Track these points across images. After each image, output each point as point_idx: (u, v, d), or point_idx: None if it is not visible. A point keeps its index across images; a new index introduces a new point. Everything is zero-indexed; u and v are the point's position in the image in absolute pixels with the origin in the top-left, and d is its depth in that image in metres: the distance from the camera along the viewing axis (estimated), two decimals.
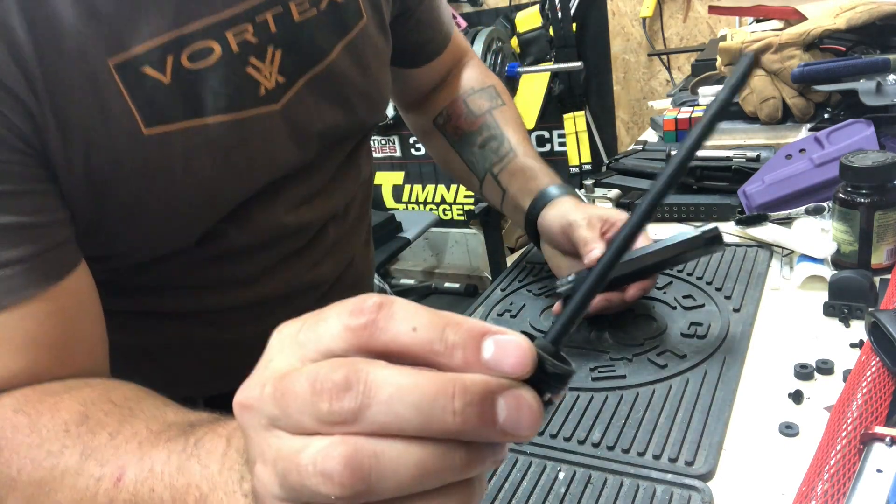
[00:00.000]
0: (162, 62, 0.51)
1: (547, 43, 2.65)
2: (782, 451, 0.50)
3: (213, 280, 0.63)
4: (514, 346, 0.24)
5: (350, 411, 0.24)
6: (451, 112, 0.84)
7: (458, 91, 0.85)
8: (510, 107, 0.85)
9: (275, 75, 0.58)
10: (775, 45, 0.98)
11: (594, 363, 0.62)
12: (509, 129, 0.81)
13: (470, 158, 0.82)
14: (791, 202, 0.82)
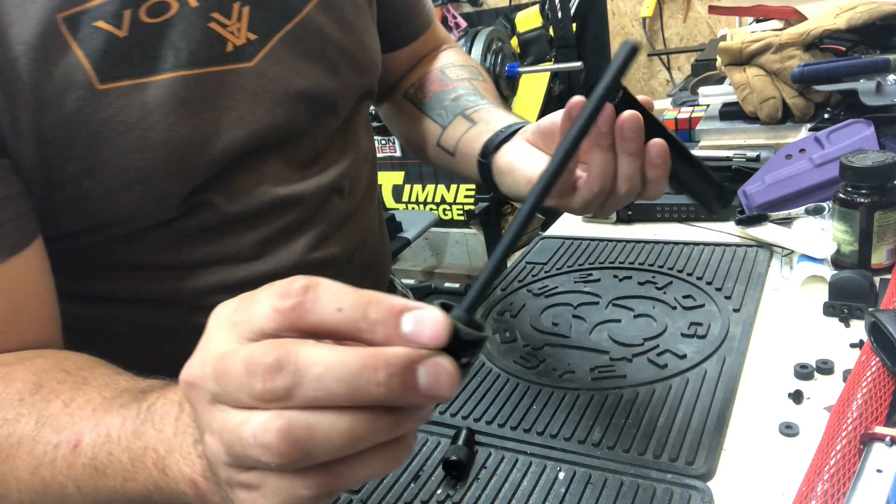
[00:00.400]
0: (118, 16, 0.50)
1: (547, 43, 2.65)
2: (782, 451, 0.50)
3: (209, 257, 0.60)
4: (431, 319, 0.27)
5: (283, 389, 0.26)
6: (424, 80, 0.80)
7: (434, 65, 0.82)
8: (491, 86, 0.81)
9: (244, 32, 0.57)
10: (775, 45, 0.98)
11: (594, 363, 0.62)
12: (489, 95, 0.76)
13: (438, 112, 0.75)
14: (791, 202, 0.82)
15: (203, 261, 0.60)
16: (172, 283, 0.60)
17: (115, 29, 0.50)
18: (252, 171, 0.60)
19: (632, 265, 0.79)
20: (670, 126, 1.13)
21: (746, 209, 0.84)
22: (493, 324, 0.72)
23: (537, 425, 0.55)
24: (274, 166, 0.61)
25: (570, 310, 0.71)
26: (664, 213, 0.90)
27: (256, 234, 0.62)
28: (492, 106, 0.72)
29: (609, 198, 0.53)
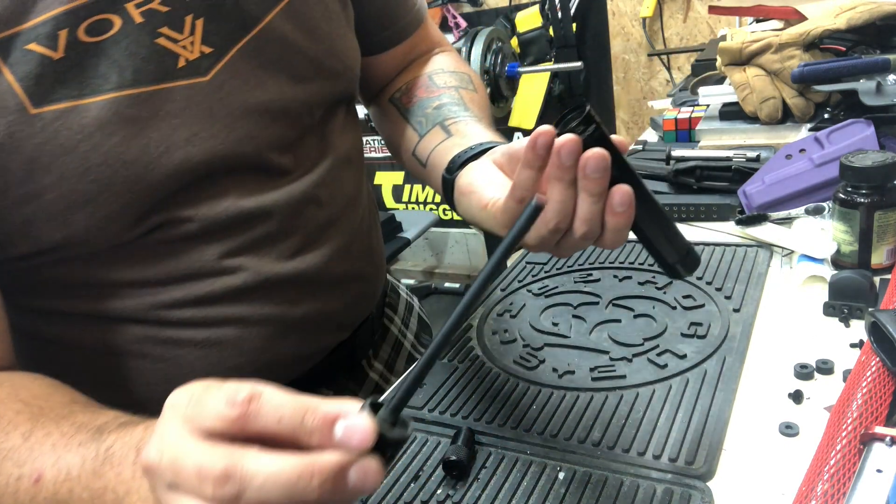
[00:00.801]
0: (52, 37, 0.49)
1: (547, 43, 2.65)
2: (782, 451, 0.50)
3: (173, 272, 0.59)
4: (359, 427, 0.31)
5: (231, 496, 0.30)
6: (411, 85, 0.76)
7: (424, 70, 0.77)
8: (482, 95, 0.77)
9: (198, 46, 0.55)
10: (775, 45, 0.98)
11: (594, 363, 0.62)
12: (475, 107, 0.71)
13: (418, 119, 0.71)
14: (791, 202, 0.82)
15: (166, 277, 0.59)
16: (136, 299, 0.59)
17: (48, 51, 0.49)
18: (214, 185, 0.58)
19: (632, 265, 0.79)
20: (670, 126, 1.13)
21: (746, 209, 0.84)
22: (492, 324, 0.72)
23: (537, 425, 0.55)
24: (239, 179, 0.59)
25: (570, 310, 0.71)
26: None
27: (221, 247, 0.60)
28: (473, 119, 0.68)
29: (565, 238, 0.47)
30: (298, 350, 0.67)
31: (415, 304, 0.93)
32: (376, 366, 0.80)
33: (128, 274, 0.58)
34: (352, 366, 0.76)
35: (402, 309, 0.88)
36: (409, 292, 0.95)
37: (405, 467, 0.53)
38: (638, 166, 1.00)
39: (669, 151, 0.96)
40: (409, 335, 0.88)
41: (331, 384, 0.73)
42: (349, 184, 0.70)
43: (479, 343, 0.69)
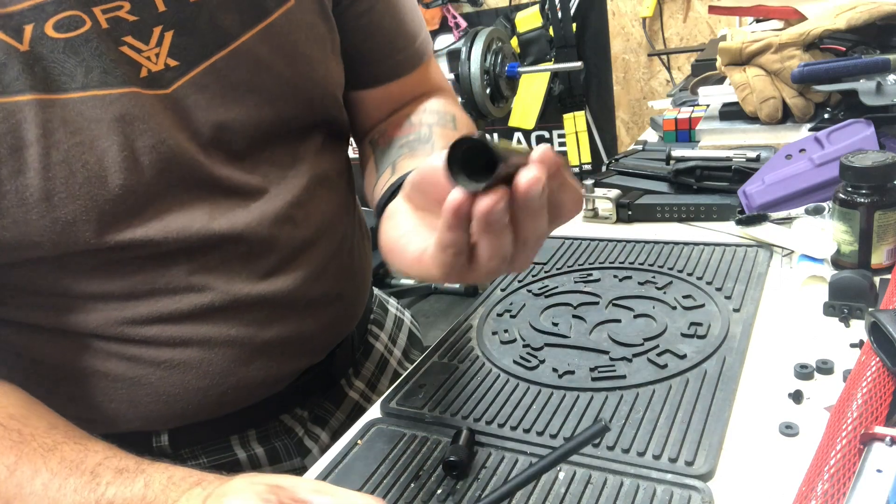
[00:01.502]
0: (18, 29, 0.48)
1: (547, 43, 2.65)
2: (782, 451, 0.50)
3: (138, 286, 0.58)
4: None
5: None
6: (388, 127, 0.71)
7: (409, 110, 0.71)
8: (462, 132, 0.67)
9: (163, 58, 0.53)
10: (775, 45, 0.98)
11: (594, 363, 0.62)
12: (443, 141, 0.65)
13: (381, 160, 0.67)
14: (791, 202, 0.82)
15: (131, 292, 0.58)
16: (99, 313, 0.58)
17: (14, 42, 0.48)
18: (177, 202, 0.56)
19: (632, 265, 0.79)
20: (670, 126, 1.13)
21: (746, 209, 0.84)
22: (492, 324, 0.72)
23: (537, 425, 0.55)
24: (204, 198, 0.58)
25: (570, 310, 0.71)
26: (664, 213, 0.90)
27: (191, 265, 0.58)
28: (427, 149, 0.63)
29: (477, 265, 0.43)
30: (266, 374, 0.65)
31: (405, 318, 0.91)
32: (357, 385, 0.78)
33: (92, 286, 0.57)
34: (329, 385, 0.74)
35: (389, 325, 0.86)
36: (400, 306, 0.92)
37: (405, 467, 0.53)
38: (638, 166, 1.00)
39: (669, 151, 0.96)
40: (395, 351, 0.85)
41: (305, 404, 0.72)
42: (329, 204, 0.68)
43: (479, 343, 0.69)
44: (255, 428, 0.69)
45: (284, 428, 0.71)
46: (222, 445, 0.68)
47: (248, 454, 0.69)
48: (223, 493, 0.42)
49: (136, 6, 0.52)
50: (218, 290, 0.60)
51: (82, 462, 0.47)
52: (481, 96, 2.30)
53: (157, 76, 0.53)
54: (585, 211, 0.95)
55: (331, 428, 0.74)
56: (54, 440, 0.48)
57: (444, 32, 2.88)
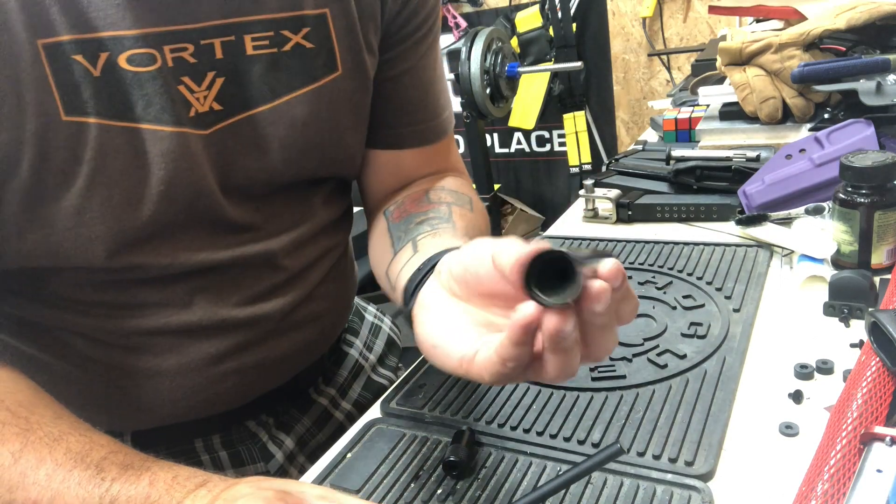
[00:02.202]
0: (94, 56, 0.51)
1: (547, 43, 2.65)
2: (782, 451, 0.50)
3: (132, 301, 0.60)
4: None
5: None
6: (405, 199, 0.69)
7: (424, 186, 0.71)
8: (479, 217, 0.69)
9: (210, 101, 0.56)
10: (775, 45, 0.98)
11: (594, 363, 0.62)
12: (462, 222, 0.64)
13: (398, 235, 0.64)
14: (791, 202, 0.82)
15: (124, 304, 0.60)
16: (88, 318, 0.60)
17: (90, 66, 0.51)
18: (188, 233, 0.59)
19: (632, 265, 0.79)
20: (670, 126, 1.13)
21: (746, 209, 0.84)
22: None
23: (537, 425, 0.55)
24: (212, 231, 0.60)
25: None
26: (664, 213, 0.90)
27: (186, 286, 0.61)
28: (450, 230, 0.61)
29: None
30: (237, 391, 0.66)
31: (383, 325, 0.90)
32: (327, 391, 0.78)
33: (86, 295, 0.59)
34: (295, 394, 0.75)
35: (364, 332, 0.86)
36: (379, 313, 0.92)
37: (405, 467, 0.53)
38: (638, 166, 1.00)
39: (669, 151, 0.96)
40: (371, 357, 0.85)
41: (271, 411, 0.73)
42: (325, 243, 0.70)
43: None
44: (219, 433, 0.70)
45: (249, 433, 0.71)
46: (186, 448, 0.69)
47: (212, 457, 0.69)
48: (231, 497, 0.42)
49: (198, 49, 0.55)
50: (207, 310, 0.62)
51: (87, 455, 0.47)
52: (481, 96, 2.30)
53: (202, 117, 0.56)
54: (585, 211, 0.95)
55: (296, 433, 0.75)
56: (60, 430, 0.48)
57: (444, 32, 2.88)
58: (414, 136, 0.72)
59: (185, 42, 0.54)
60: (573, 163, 2.77)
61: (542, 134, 2.94)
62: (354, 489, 0.52)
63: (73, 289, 0.58)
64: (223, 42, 0.56)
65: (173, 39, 0.53)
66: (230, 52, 0.56)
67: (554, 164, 2.98)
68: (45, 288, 0.58)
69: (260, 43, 0.57)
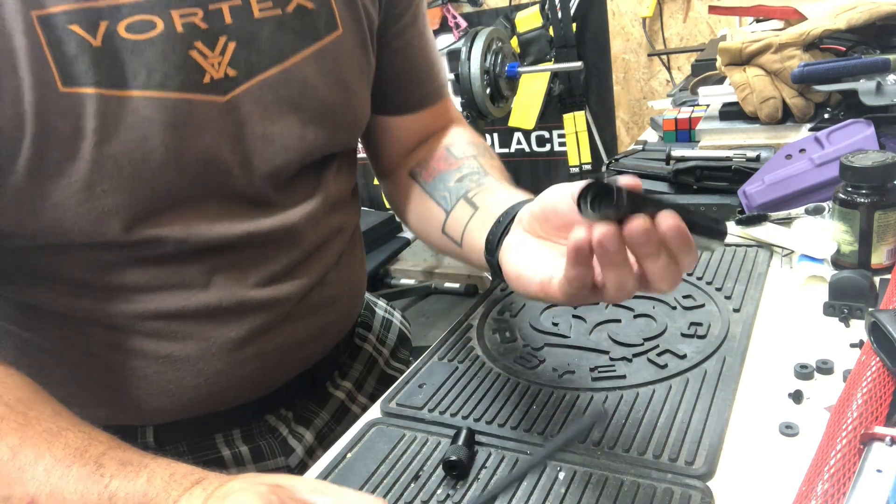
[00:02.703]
0: (94, 25, 0.50)
1: (547, 43, 2.65)
2: (782, 451, 0.50)
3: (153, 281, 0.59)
4: None
5: None
6: (429, 158, 0.75)
7: (440, 143, 0.77)
8: (498, 162, 0.76)
9: (224, 67, 0.56)
10: (775, 45, 0.98)
11: (594, 363, 0.62)
12: (494, 171, 0.71)
13: (442, 194, 0.71)
14: (791, 202, 0.82)
15: (144, 286, 0.59)
16: (109, 304, 0.59)
17: (89, 37, 0.50)
18: (203, 205, 0.59)
19: None
20: (670, 126, 1.13)
21: (746, 209, 0.84)
22: (492, 324, 0.72)
23: (537, 425, 0.55)
24: (228, 206, 0.60)
25: (569, 310, 0.71)
26: None
27: (203, 265, 0.61)
28: (494, 182, 0.68)
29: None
30: (258, 377, 0.67)
31: (394, 319, 0.92)
32: (344, 385, 0.79)
33: (106, 278, 0.58)
34: (313, 387, 0.76)
35: (377, 326, 0.88)
36: (389, 307, 0.93)
37: (405, 467, 0.53)
38: (638, 166, 1.00)
39: (669, 151, 0.96)
40: (384, 351, 0.87)
41: (289, 405, 0.73)
42: (337, 221, 0.71)
43: (479, 343, 0.69)
44: (239, 427, 0.70)
45: (269, 427, 0.71)
46: (207, 443, 0.69)
47: (233, 452, 0.70)
48: (224, 494, 0.42)
49: (207, 15, 0.55)
50: (226, 291, 0.62)
51: (86, 450, 0.47)
52: (481, 96, 2.30)
53: (217, 83, 0.56)
54: None
55: (315, 427, 0.75)
56: (59, 426, 0.48)
57: (444, 32, 2.88)
58: (425, 98, 0.77)
59: (194, 7, 0.54)
60: (573, 163, 2.77)
61: (542, 134, 2.94)
62: (354, 489, 0.52)
63: (88, 272, 0.58)
64: (231, 6, 0.56)
65: (181, 4, 0.53)
66: (239, 15, 0.56)
67: (554, 164, 2.98)
68: (59, 273, 0.58)
69: (265, 5, 0.58)
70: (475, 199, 0.66)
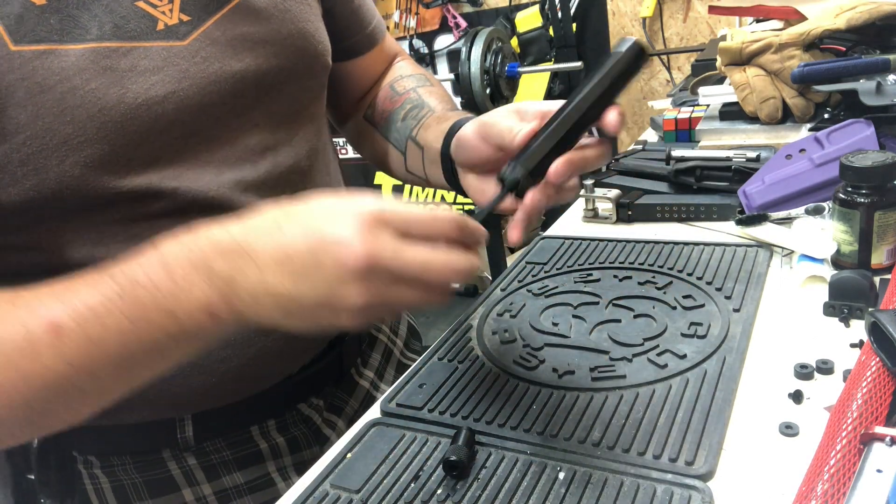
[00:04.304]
0: None
1: (547, 43, 2.65)
2: (782, 451, 0.50)
3: None
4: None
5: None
6: (377, 100, 0.82)
7: (385, 81, 0.84)
8: (439, 88, 0.83)
9: (177, 13, 0.58)
10: (775, 45, 0.98)
11: (594, 363, 0.62)
12: (432, 98, 0.79)
13: (395, 136, 0.78)
14: (791, 202, 0.82)
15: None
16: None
17: None
18: (190, 154, 0.59)
19: (632, 265, 0.79)
20: (670, 126, 1.13)
21: (746, 209, 0.84)
22: (492, 324, 0.72)
23: (537, 425, 0.55)
24: (214, 151, 0.61)
25: (570, 310, 0.71)
26: (664, 213, 0.90)
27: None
28: (432, 114, 0.75)
29: None
30: (282, 347, 0.67)
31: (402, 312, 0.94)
32: (366, 374, 0.81)
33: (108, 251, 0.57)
34: (340, 375, 0.77)
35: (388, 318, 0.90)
36: None
37: (405, 467, 0.53)
38: (638, 166, 1.00)
39: (669, 151, 0.96)
40: (398, 342, 0.89)
41: (319, 393, 0.74)
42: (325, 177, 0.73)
43: (479, 343, 0.69)
44: (274, 418, 0.70)
45: (302, 417, 0.72)
46: (244, 437, 0.69)
47: (270, 444, 0.70)
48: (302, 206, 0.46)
49: None
50: None
51: (79, 276, 0.46)
52: (481, 96, 2.30)
53: (173, 29, 0.58)
54: (585, 211, 0.95)
55: (346, 415, 0.76)
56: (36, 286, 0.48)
57: (444, 32, 2.88)
58: (366, 39, 0.82)
59: None
60: None
61: None
62: (354, 489, 0.52)
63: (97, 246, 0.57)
64: None
65: None
66: None
67: None
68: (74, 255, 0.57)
69: None
70: (419, 139, 0.75)
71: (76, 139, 0.52)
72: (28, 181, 0.52)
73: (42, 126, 0.51)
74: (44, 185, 0.53)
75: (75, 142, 0.52)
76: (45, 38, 0.51)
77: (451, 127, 0.69)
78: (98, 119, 0.53)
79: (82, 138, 0.53)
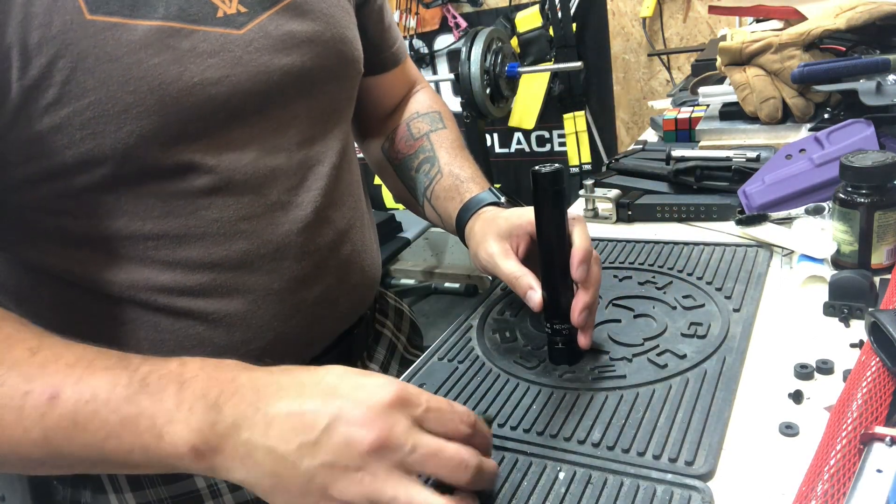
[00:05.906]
0: None
1: (547, 43, 2.65)
2: (782, 451, 0.50)
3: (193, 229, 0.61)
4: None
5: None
6: (393, 136, 0.86)
7: (404, 116, 0.87)
8: (451, 130, 0.86)
9: (235, 4, 0.61)
10: (775, 45, 0.98)
11: (594, 363, 0.62)
12: (442, 150, 0.82)
13: (410, 184, 0.84)
14: (791, 202, 0.82)
15: (185, 233, 0.61)
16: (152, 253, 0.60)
17: None
18: (234, 134, 0.61)
19: (632, 265, 0.79)
20: (670, 126, 1.13)
21: (746, 209, 0.84)
22: (493, 324, 0.72)
23: (537, 425, 0.55)
24: (256, 135, 0.63)
25: None
26: (664, 213, 0.90)
27: (238, 209, 0.62)
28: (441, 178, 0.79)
29: None
30: (300, 332, 0.68)
31: (404, 308, 0.96)
32: (372, 367, 0.82)
33: (148, 225, 0.59)
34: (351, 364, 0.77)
35: (392, 314, 0.92)
36: (398, 299, 0.97)
37: None
38: (638, 166, 1.00)
39: (669, 151, 0.96)
40: (402, 338, 0.90)
41: None
42: (353, 176, 0.76)
43: (479, 343, 0.69)
44: None
45: None
46: None
47: None
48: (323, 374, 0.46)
49: None
50: (263, 238, 0.64)
51: (107, 351, 0.47)
52: (481, 96, 2.30)
53: (231, 18, 0.61)
54: (585, 211, 0.95)
55: None
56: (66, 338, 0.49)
57: (444, 32, 2.88)
58: (392, 58, 0.85)
59: None
60: (573, 163, 2.77)
61: (542, 134, 2.94)
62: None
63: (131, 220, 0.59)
64: None
65: None
66: None
67: None
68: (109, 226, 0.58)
69: None
70: (435, 206, 0.80)
71: (135, 109, 0.55)
72: (85, 144, 0.54)
73: (106, 93, 0.54)
74: (99, 149, 0.55)
75: (134, 111, 0.55)
76: (117, 12, 0.54)
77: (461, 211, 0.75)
78: (158, 93, 0.56)
79: (141, 109, 0.55)
